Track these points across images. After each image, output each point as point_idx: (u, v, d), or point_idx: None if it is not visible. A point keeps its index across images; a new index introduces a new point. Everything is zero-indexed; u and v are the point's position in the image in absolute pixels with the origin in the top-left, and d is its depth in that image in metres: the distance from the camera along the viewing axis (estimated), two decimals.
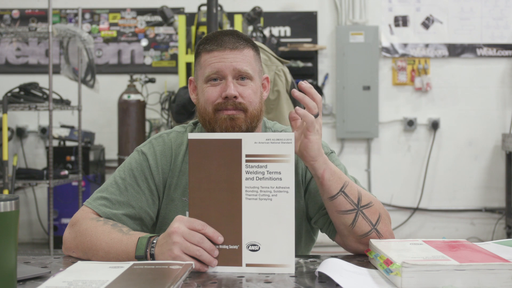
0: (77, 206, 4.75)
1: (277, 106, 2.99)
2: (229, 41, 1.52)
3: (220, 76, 1.51)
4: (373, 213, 1.44)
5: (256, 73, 1.55)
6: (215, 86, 1.51)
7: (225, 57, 1.51)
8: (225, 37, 1.53)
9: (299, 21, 5.56)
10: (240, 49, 1.52)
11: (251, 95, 1.52)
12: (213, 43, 1.53)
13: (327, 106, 5.54)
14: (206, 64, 1.53)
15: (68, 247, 1.48)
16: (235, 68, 1.50)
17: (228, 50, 1.51)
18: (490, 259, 1.18)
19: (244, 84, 1.52)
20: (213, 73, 1.51)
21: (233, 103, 1.49)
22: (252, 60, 1.54)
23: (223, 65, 1.50)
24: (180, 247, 1.27)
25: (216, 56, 1.51)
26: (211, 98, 1.51)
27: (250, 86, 1.52)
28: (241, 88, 1.51)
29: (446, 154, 5.54)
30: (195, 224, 1.29)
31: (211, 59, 1.52)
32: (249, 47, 1.55)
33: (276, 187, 1.31)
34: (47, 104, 4.23)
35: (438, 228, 5.54)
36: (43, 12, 5.55)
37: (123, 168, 1.58)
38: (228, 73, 1.50)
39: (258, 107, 1.54)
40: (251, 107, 1.52)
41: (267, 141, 1.32)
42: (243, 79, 1.52)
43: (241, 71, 1.51)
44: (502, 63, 5.54)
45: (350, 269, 1.26)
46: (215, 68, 1.51)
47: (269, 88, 1.64)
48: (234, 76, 1.51)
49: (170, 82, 5.44)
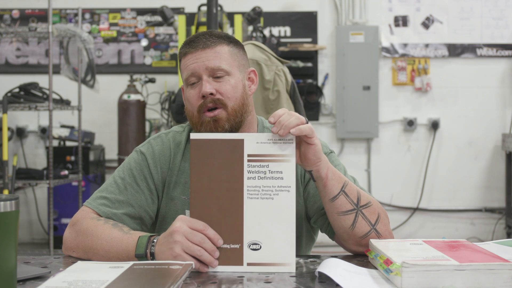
0: (77, 206, 4.75)
1: (277, 106, 2.99)
2: (200, 41, 1.53)
3: (197, 77, 1.52)
4: (372, 213, 1.44)
5: (235, 67, 1.55)
6: (195, 88, 1.53)
7: (198, 57, 1.52)
8: (197, 38, 1.55)
9: (299, 21, 5.56)
10: (212, 47, 1.53)
11: (229, 90, 1.52)
12: (187, 46, 1.55)
13: (327, 106, 5.54)
14: (184, 67, 1.55)
15: (68, 246, 1.48)
16: (208, 66, 1.51)
17: (200, 50, 1.52)
18: (490, 259, 1.18)
19: (221, 81, 1.52)
20: (189, 75, 1.53)
21: (211, 100, 1.50)
22: (226, 56, 1.54)
23: (196, 65, 1.52)
24: (182, 246, 1.27)
25: (189, 58, 1.53)
26: (193, 100, 1.53)
27: (228, 81, 1.52)
28: (217, 85, 1.51)
29: (446, 154, 5.54)
30: (196, 225, 1.30)
31: (186, 62, 1.54)
32: (222, 44, 1.54)
33: (278, 186, 1.32)
34: (47, 104, 4.23)
35: (438, 228, 5.54)
36: (43, 12, 5.55)
37: (123, 168, 1.59)
38: (202, 72, 1.51)
39: (239, 101, 1.53)
40: (231, 102, 1.52)
41: (269, 141, 1.33)
42: (219, 76, 1.52)
43: (214, 68, 1.51)
44: (502, 63, 5.54)
45: (350, 269, 1.26)
46: (190, 70, 1.53)
47: (257, 81, 1.63)
48: (209, 74, 1.52)
49: (170, 82, 5.44)
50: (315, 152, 1.34)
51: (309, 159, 1.35)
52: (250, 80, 1.61)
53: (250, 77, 1.61)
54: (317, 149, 1.34)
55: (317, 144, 1.34)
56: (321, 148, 1.37)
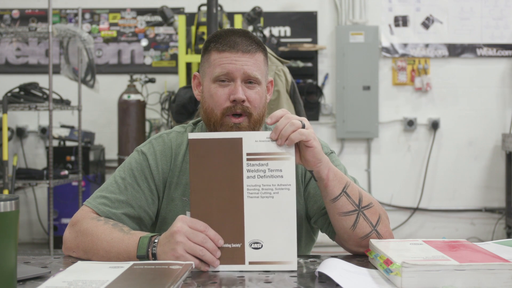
0: (77, 206, 4.75)
1: (277, 106, 2.99)
2: (241, 43, 1.51)
3: (229, 78, 1.50)
4: (373, 213, 1.44)
5: (264, 77, 1.55)
6: (223, 87, 1.51)
7: (237, 59, 1.50)
8: (238, 39, 1.52)
9: (299, 21, 5.56)
10: (252, 53, 1.51)
11: (257, 100, 1.51)
12: (225, 43, 1.51)
13: (327, 106, 5.54)
14: (216, 63, 1.51)
15: (68, 246, 1.48)
16: (246, 72, 1.49)
17: (241, 53, 1.50)
18: (490, 259, 1.18)
19: (252, 88, 1.51)
20: (223, 74, 1.50)
21: (240, 107, 1.49)
22: (262, 65, 1.53)
23: (234, 67, 1.49)
24: (184, 247, 1.27)
25: (227, 57, 1.50)
26: (219, 101, 1.50)
27: (257, 91, 1.52)
28: (248, 92, 1.50)
29: (446, 154, 5.54)
30: (197, 225, 1.30)
31: (221, 59, 1.51)
32: (260, 51, 1.54)
33: (278, 185, 1.32)
34: (47, 104, 4.23)
35: (438, 228, 5.54)
36: (43, 12, 5.55)
37: (123, 168, 1.59)
38: (238, 76, 1.49)
39: (261, 111, 1.54)
40: (256, 112, 1.51)
41: (268, 139, 1.33)
42: (251, 83, 1.51)
43: (251, 76, 1.50)
44: (502, 63, 5.54)
45: (350, 269, 1.26)
46: (225, 69, 1.50)
47: (272, 91, 1.64)
48: (243, 79, 1.50)
49: (170, 82, 5.44)
50: (314, 154, 1.34)
51: (308, 160, 1.35)
52: (267, 89, 1.60)
53: (267, 86, 1.60)
54: (316, 151, 1.34)
55: (315, 146, 1.34)
56: (321, 149, 1.37)
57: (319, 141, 1.37)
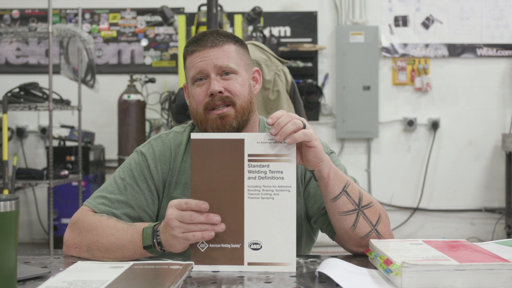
0: (77, 206, 4.75)
1: (277, 106, 2.99)
2: (208, 40, 1.54)
3: (204, 75, 1.53)
4: (373, 213, 1.44)
5: (241, 66, 1.56)
6: (201, 86, 1.54)
7: (205, 55, 1.53)
8: (205, 37, 1.55)
9: (299, 21, 5.56)
10: (220, 46, 1.54)
11: (237, 88, 1.53)
12: (194, 44, 1.55)
13: (327, 106, 5.54)
14: (190, 65, 1.55)
15: (71, 243, 1.48)
16: (216, 64, 1.52)
17: (208, 48, 1.53)
18: (490, 259, 1.18)
19: (229, 79, 1.53)
20: (197, 73, 1.53)
21: (220, 98, 1.51)
22: (234, 55, 1.55)
23: (205, 63, 1.52)
24: (180, 230, 1.29)
25: (197, 56, 1.54)
26: (199, 98, 1.53)
27: (236, 80, 1.53)
28: (226, 83, 1.52)
29: (446, 154, 5.54)
30: (182, 205, 1.30)
31: (193, 60, 1.54)
32: (229, 42, 1.56)
33: (278, 186, 1.32)
34: (47, 104, 4.23)
35: (438, 228, 5.54)
36: (43, 12, 5.54)
37: (123, 168, 1.59)
38: (211, 71, 1.52)
39: (247, 99, 1.55)
40: (240, 100, 1.53)
41: (270, 140, 1.33)
42: (227, 74, 1.53)
43: (223, 66, 1.52)
44: (502, 63, 5.54)
45: (350, 269, 1.26)
46: (197, 67, 1.53)
47: (261, 81, 1.65)
48: (217, 72, 1.53)
49: (170, 82, 5.44)
50: (315, 154, 1.34)
51: (310, 160, 1.35)
52: (254, 79, 1.63)
53: (254, 77, 1.63)
54: (317, 150, 1.34)
55: (317, 146, 1.34)
56: (323, 149, 1.37)
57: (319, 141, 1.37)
